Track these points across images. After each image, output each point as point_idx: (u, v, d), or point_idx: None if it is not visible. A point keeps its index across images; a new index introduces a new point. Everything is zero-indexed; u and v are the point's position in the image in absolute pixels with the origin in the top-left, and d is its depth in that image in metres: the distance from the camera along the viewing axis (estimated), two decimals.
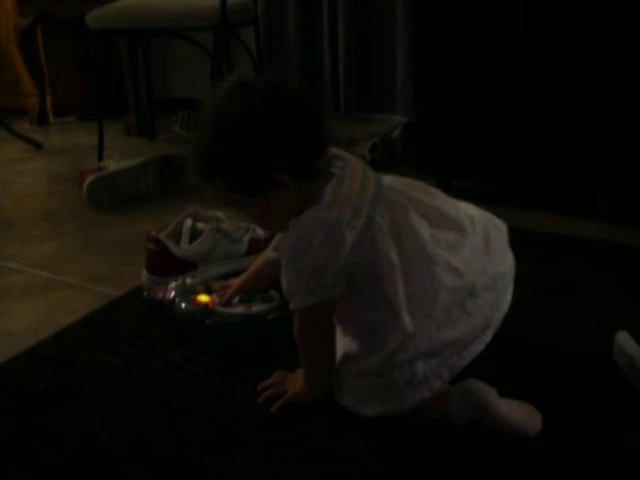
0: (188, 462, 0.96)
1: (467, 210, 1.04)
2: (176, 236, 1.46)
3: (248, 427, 1.02)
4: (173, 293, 1.27)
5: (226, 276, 1.40)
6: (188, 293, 1.25)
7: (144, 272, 1.44)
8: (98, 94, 2.69)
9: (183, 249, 1.44)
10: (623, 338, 1.12)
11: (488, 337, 1.02)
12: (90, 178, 1.99)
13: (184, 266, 1.43)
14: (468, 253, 0.99)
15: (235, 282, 1.27)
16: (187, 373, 1.15)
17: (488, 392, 0.97)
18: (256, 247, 1.52)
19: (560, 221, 1.72)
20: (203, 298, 1.23)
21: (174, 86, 3.09)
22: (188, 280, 1.30)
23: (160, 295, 1.29)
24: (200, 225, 1.48)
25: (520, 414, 0.99)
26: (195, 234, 1.47)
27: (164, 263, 1.42)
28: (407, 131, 2.30)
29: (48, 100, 3.13)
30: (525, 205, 1.78)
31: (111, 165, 2.05)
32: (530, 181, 1.85)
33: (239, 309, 1.22)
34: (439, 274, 0.96)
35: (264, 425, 1.02)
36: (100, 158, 2.36)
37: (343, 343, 1.05)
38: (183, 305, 1.23)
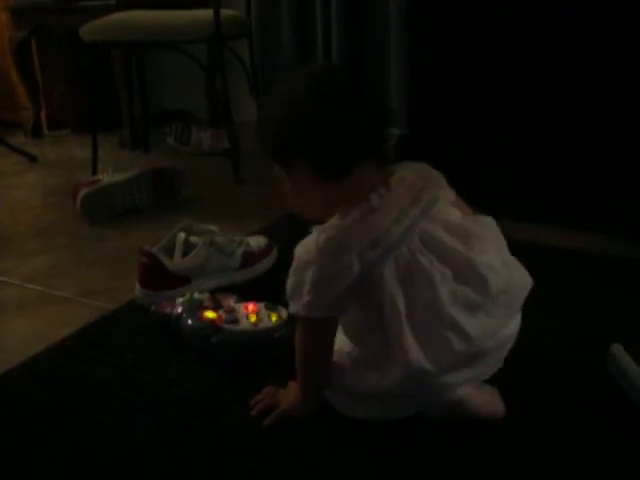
0: (184, 477, 0.95)
1: (501, 261, 0.98)
2: (169, 250, 1.46)
3: (244, 440, 1.01)
4: (180, 308, 1.26)
5: (220, 290, 1.40)
6: (195, 309, 1.24)
7: (137, 286, 1.44)
8: (92, 107, 2.69)
9: (176, 263, 1.44)
10: (617, 350, 1.13)
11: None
12: (84, 191, 1.99)
13: (177, 280, 1.43)
14: (484, 315, 0.95)
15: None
16: (181, 388, 1.15)
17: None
18: (249, 260, 1.52)
19: (556, 233, 1.72)
20: (210, 314, 1.22)
21: (168, 99, 3.09)
22: (196, 295, 1.29)
23: (167, 310, 1.28)
24: (193, 239, 1.48)
25: (484, 398, 1.01)
26: (188, 248, 1.47)
27: (157, 277, 1.42)
28: (401, 143, 2.30)
29: (42, 113, 3.14)
30: (521, 217, 1.78)
31: (105, 178, 2.05)
32: (526, 193, 1.85)
33: (246, 326, 1.20)
34: (449, 337, 0.93)
35: (260, 438, 1.02)
36: (94, 171, 2.37)
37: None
38: (190, 322, 1.22)
